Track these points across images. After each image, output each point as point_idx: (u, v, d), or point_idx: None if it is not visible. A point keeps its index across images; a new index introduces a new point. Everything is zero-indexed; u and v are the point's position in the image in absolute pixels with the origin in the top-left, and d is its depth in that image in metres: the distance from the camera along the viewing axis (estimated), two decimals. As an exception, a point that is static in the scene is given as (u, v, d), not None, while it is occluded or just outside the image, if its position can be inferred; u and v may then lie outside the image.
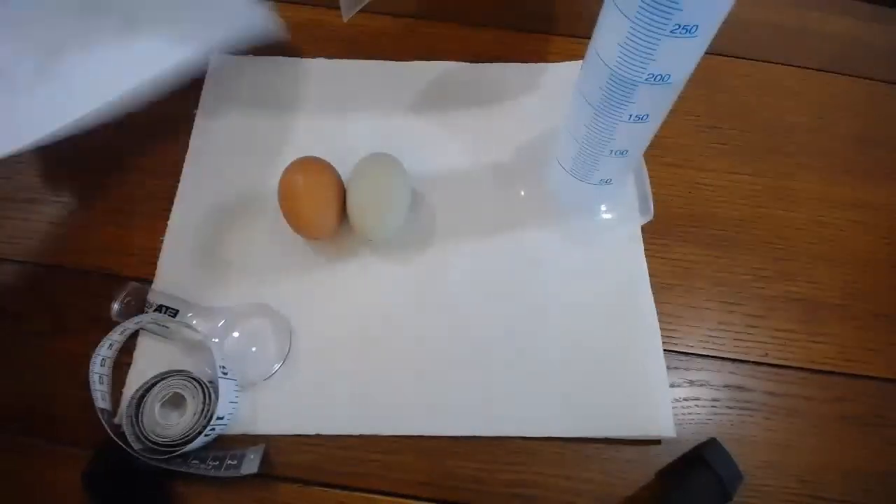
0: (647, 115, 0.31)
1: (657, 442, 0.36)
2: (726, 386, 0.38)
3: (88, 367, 0.33)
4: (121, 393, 0.35)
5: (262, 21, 0.41)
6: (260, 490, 0.34)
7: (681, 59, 0.28)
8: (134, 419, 0.33)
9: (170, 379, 0.34)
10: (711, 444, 0.34)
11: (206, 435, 0.33)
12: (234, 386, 0.34)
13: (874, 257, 0.42)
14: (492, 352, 0.37)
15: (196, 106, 0.45)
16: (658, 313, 0.39)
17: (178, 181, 0.42)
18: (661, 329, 0.38)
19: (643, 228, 0.41)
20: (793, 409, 0.37)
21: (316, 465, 0.34)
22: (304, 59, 0.47)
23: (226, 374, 0.34)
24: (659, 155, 0.44)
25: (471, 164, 0.43)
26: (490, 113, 0.45)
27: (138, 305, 0.36)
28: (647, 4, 0.25)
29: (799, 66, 0.50)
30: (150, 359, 0.36)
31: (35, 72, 0.36)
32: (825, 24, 0.52)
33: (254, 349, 0.37)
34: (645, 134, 0.34)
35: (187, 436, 0.33)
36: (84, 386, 0.33)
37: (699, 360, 0.38)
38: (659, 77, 0.28)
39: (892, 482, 0.35)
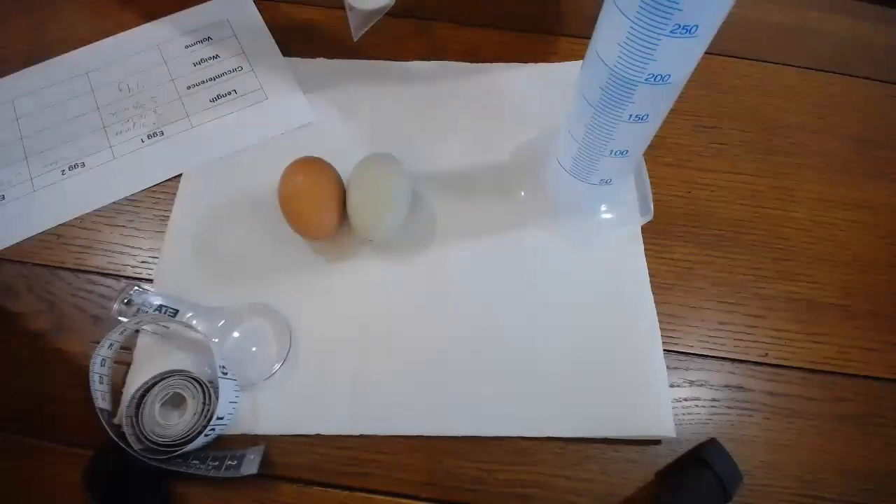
0: (647, 115, 0.31)
1: (657, 442, 0.36)
2: (726, 386, 0.38)
3: (88, 367, 0.33)
4: (121, 393, 0.35)
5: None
6: (260, 490, 0.34)
7: (681, 59, 0.28)
8: (134, 419, 0.33)
9: (170, 379, 0.34)
10: (711, 444, 0.34)
11: (206, 435, 0.33)
12: (234, 386, 0.34)
13: (874, 257, 0.42)
14: (492, 352, 0.37)
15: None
16: (658, 313, 0.39)
17: (178, 181, 0.42)
18: (661, 329, 0.38)
19: (643, 228, 0.41)
20: (793, 409, 0.37)
21: (316, 465, 0.34)
22: (304, 59, 0.47)
23: (226, 374, 0.34)
24: (659, 155, 0.44)
25: (471, 164, 0.43)
26: (490, 113, 0.45)
27: (138, 305, 0.36)
28: (647, 4, 0.25)
29: (799, 66, 0.50)
30: (150, 359, 0.36)
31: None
32: (825, 24, 0.52)
33: (254, 349, 0.37)
34: (645, 134, 0.34)
35: (187, 436, 0.33)
36: (84, 386, 0.33)
37: (699, 360, 0.38)
38: (659, 77, 0.28)
39: (892, 482, 0.35)
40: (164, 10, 0.49)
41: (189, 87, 0.46)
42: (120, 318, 0.36)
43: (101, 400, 0.33)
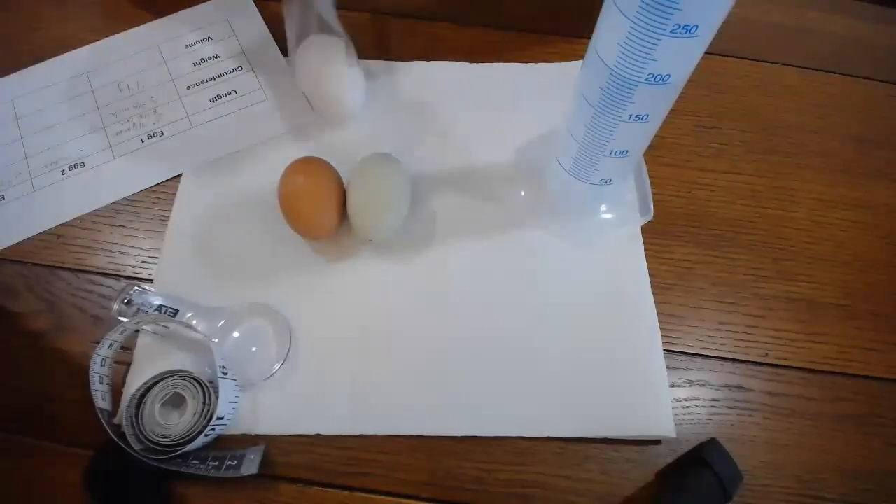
0: (647, 115, 0.31)
1: (657, 442, 0.36)
2: (726, 386, 0.38)
3: (88, 367, 0.33)
4: (121, 393, 0.35)
5: None
6: (260, 490, 0.34)
7: (681, 59, 0.28)
8: (134, 419, 0.33)
9: (170, 379, 0.34)
10: (711, 444, 0.34)
11: (206, 435, 0.33)
12: (234, 386, 0.34)
13: (874, 257, 0.42)
14: (492, 352, 0.37)
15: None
16: (658, 313, 0.39)
17: (178, 181, 0.42)
18: (661, 329, 0.38)
19: (643, 228, 0.41)
20: (792, 409, 0.37)
21: (316, 465, 0.34)
22: (304, 59, 0.47)
23: (226, 374, 0.34)
24: (659, 155, 0.44)
25: (471, 164, 0.43)
26: (490, 113, 0.45)
27: (138, 305, 0.36)
28: (647, 4, 0.25)
29: (799, 66, 0.50)
30: (150, 359, 0.36)
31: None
32: (825, 24, 0.52)
33: (254, 349, 0.37)
34: (645, 134, 0.34)
35: (187, 436, 0.33)
36: (84, 386, 0.33)
37: (699, 360, 0.38)
38: (659, 77, 0.28)
39: (892, 482, 0.35)
40: (164, 11, 0.49)
41: (189, 87, 0.46)
42: (120, 318, 0.36)
43: (101, 400, 0.33)
